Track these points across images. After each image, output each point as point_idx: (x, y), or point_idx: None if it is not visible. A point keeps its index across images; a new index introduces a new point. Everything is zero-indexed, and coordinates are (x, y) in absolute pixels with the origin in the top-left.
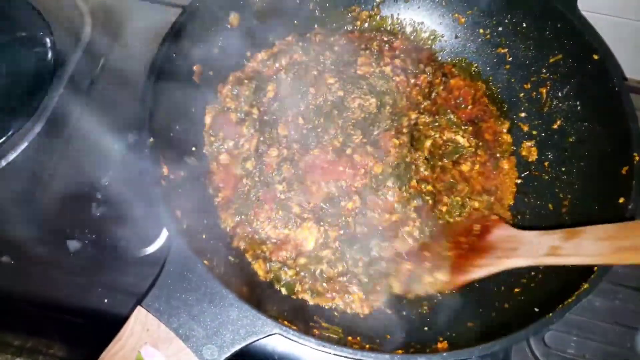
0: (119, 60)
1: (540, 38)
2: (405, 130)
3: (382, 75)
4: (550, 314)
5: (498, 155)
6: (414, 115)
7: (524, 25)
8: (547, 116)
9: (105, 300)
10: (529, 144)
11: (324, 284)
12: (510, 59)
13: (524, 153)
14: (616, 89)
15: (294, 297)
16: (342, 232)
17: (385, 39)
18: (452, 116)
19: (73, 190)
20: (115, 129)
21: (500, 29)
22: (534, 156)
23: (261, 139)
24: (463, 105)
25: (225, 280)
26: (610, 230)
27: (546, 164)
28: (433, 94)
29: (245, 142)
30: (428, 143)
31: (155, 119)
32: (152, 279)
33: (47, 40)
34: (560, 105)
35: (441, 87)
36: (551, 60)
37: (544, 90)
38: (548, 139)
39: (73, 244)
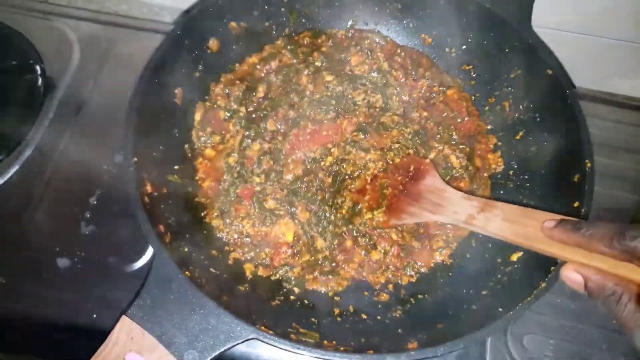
0: (107, 86)
1: (500, 55)
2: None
3: (379, 70)
4: (511, 312)
5: (475, 187)
6: (424, 113)
7: (485, 43)
8: (511, 128)
9: (94, 316)
10: (496, 154)
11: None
12: (475, 75)
13: (492, 165)
14: (568, 101)
15: (274, 303)
16: (311, 208)
17: (377, 40)
18: (454, 133)
19: (62, 210)
20: (103, 151)
21: (464, 47)
22: (500, 166)
23: (246, 133)
24: (459, 120)
25: (206, 289)
26: (514, 213)
27: (511, 172)
28: (432, 101)
29: (231, 138)
30: (432, 155)
31: (139, 140)
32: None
33: (38, 67)
34: (521, 117)
35: (440, 98)
36: (512, 76)
37: (507, 104)
38: (512, 149)
39: (63, 262)
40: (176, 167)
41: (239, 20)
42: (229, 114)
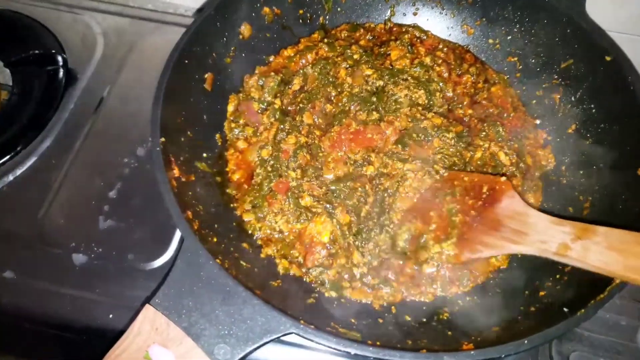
0: (130, 79)
1: (549, 44)
2: (453, 132)
3: (421, 64)
4: (582, 310)
5: (526, 188)
6: (469, 111)
7: (533, 32)
8: (562, 121)
9: (111, 316)
10: (546, 150)
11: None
12: (521, 67)
13: (543, 162)
14: (631, 87)
15: (309, 300)
16: (353, 217)
17: (417, 34)
18: (500, 129)
19: (80, 203)
20: (124, 143)
21: (509, 38)
22: (552, 163)
23: (281, 127)
24: (505, 115)
25: (239, 279)
26: (624, 239)
27: (563, 168)
28: (477, 97)
29: (265, 131)
30: (478, 154)
31: (167, 123)
32: None
33: (59, 58)
34: (574, 109)
35: (484, 95)
36: (562, 66)
37: (557, 96)
38: (564, 143)
39: (79, 258)
40: (205, 155)
41: (271, 5)
42: (263, 106)
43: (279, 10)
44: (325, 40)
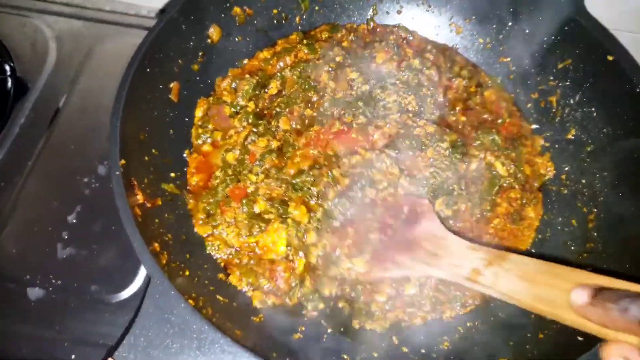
0: (88, 88)
1: (545, 43)
2: (447, 142)
3: (409, 67)
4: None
5: (525, 201)
6: (462, 118)
7: (527, 30)
8: (560, 126)
9: (73, 357)
10: (545, 157)
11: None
12: (514, 68)
13: (541, 170)
14: (637, 89)
15: (296, 336)
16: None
17: (403, 35)
18: (496, 137)
19: (35, 230)
20: (83, 161)
21: (501, 36)
22: (551, 171)
23: (254, 130)
24: (500, 120)
25: (215, 322)
26: (535, 269)
27: (563, 177)
28: (469, 102)
29: (235, 134)
30: (473, 165)
31: (128, 142)
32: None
33: (7, 67)
34: (573, 113)
35: (477, 99)
36: (559, 66)
37: (554, 99)
38: (563, 150)
39: (35, 292)
40: (172, 175)
41: (242, 4)
42: (235, 110)
43: (250, 10)
44: (305, 41)
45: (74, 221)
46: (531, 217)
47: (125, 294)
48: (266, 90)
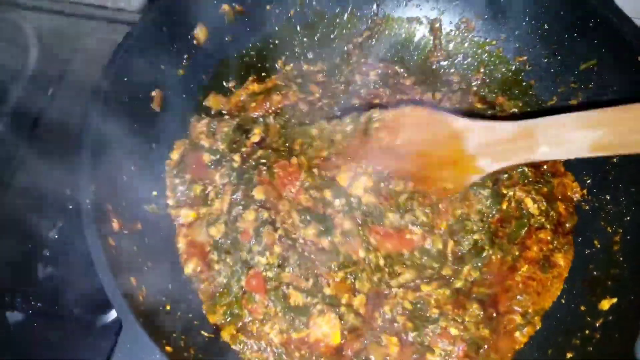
0: (71, 92)
1: (567, 40)
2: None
3: None
4: None
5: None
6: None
7: (546, 26)
8: None
9: None
10: (568, 178)
11: None
12: (531, 68)
13: (568, 193)
14: None
15: None
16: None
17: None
18: (525, 168)
19: (13, 248)
20: (66, 170)
21: (517, 33)
22: (578, 193)
23: (233, 197)
24: None
25: None
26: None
27: (585, 191)
28: None
29: (216, 199)
30: (504, 206)
31: (101, 163)
32: None
33: None
34: None
35: None
36: (582, 67)
37: (575, 103)
38: (584, 162)
39: (14, 316)
40: (155, 194)
41: (231, 1)
42: (215, 158)
43: (240, 7)
44: (299, 80)
45: (55, 237)
46: (560, 266)
47: (111, 315)
48: (248, 137)
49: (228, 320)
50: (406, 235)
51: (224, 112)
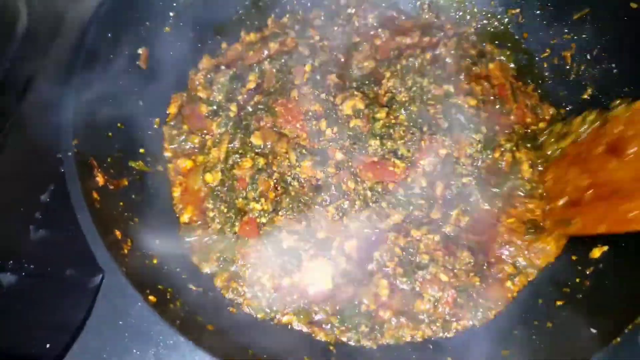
0: (61, 54)
1: None
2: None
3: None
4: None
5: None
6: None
7: None
8: (575, 85)
9: (48, 345)
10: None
11: None
12: (524, 20)
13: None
14: None
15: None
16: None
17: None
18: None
19: (5, 210)
20: (57, 134)
21: None
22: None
23: (230, 146)
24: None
25: (182, 317)
26: None
27: None
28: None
29: (213, 147)
30: (496, 154)
31: (85, 117)
32: None
33: None
34: (590, 70)
35: (483, 71)
36: (575, 17)
37: (569, 54)
38: (578, 112)
39: (7, 278)
40: (142, 151)
41: None
42: (213, 108)
43: None
44: (296, 27)
45: (47, 200)
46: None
47: None
48: (243, 84)
49: (221, 266)
50: (389, 167)
51: (221, 65)
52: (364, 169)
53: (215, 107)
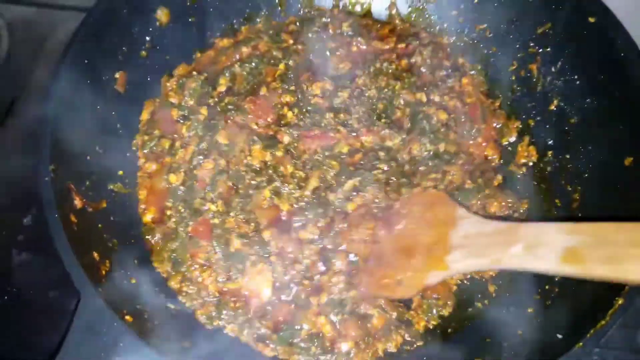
0: (43, 79)
1: (523, 6)
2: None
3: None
4: (580, 343)
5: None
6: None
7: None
8: (542, 96)
9: None
10: (524, 142)
11: None
12: (491, 35)
13: (522, 160)
14: (621, 54)
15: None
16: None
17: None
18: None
19: None
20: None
21: (475, 1)
22: (533, 157)
23: (197, 147)
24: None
25: (160, 334)
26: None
27: (550, 153)
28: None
29: (181, 148)
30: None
31: (63, 141)
32: None
33: None
34: (555, 82)
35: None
36: (539, 31)
37: (534, 67)
38: (546, 122)
39: None
40: (121, 173)
41: None
42: (184, 113)
43: None
44: (270, 32)
45: (30, 223)
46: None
47: None
48: (214, 88)
49: (174, 267)
50: (330, 134)
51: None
52: (307, 141)
53: (186, 112)
